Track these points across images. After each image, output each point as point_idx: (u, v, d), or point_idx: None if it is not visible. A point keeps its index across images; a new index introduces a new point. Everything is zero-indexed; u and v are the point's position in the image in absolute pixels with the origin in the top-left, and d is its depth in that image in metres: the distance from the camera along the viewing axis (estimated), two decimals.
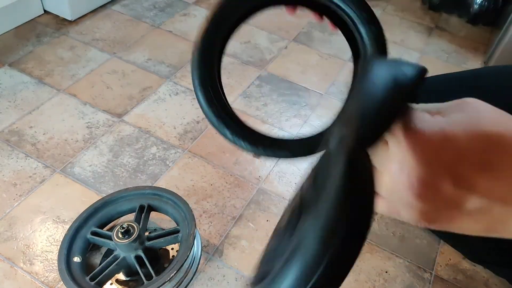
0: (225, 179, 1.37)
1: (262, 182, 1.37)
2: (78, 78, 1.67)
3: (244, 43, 1.94)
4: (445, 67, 1.95)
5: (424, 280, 1.18)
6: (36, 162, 1.35)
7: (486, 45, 2.12)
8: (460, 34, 2.18)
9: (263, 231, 1.24)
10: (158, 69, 1.75)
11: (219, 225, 1.24)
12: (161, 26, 1.99)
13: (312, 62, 1.89)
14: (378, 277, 1.17)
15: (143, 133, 1.48)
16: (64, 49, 1.80)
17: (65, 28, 1.90)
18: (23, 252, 1.13)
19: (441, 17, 2.30)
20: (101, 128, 1.48)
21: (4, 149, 1.38)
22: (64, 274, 0.98)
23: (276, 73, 1.80)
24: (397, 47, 2.03)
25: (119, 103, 1.58)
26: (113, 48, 1.83)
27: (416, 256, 1.23)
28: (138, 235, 1.03)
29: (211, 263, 1.15)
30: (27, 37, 1.83)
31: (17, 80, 1.63)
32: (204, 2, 2.18)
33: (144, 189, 1.15)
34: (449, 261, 1.23)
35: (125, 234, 1.02)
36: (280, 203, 1.32)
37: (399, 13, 2.29)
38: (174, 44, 1.89)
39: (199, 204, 1.28)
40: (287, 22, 2.09)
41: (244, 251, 1.19)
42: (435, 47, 2.07)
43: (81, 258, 1.05)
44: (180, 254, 1.02)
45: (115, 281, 1.10)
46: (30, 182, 1.29)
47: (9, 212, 1.21)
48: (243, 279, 1.13)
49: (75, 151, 1.40)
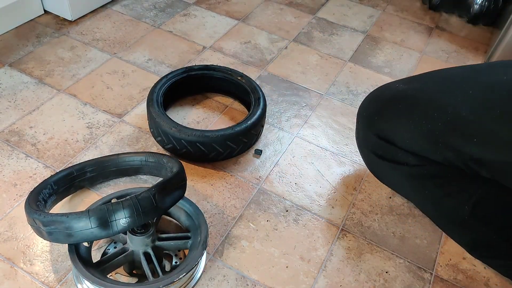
0: (225, 179, 1.37)
1: (262, 182, 1.37)
2: (78, 78, 1.67)
3: (244, 43, 1.94)
4: (445, 67, 1.94)
5: (424, 280, 1.18)
6: (36, 162, 1.35)
7: (486, 45, 2.12)
8: (460, 34, 2.19)
9: (263, 231, 1.24)
10: (158, 69, 1.75)
11: (219, 225, 1.24)
12: (161, 26, 1.99)
13: (312, 62, 1.89)
14: (378, 277, 1.17)
15: (143, 133, 1.48)
16: (64, 49, 1.80)
17: (65, 28, 1.91)
18: (23, 252, 1.13)
19: (441, 17, 2.30)
20: (101, 128, 1.48)
21: (4, 149, 1.38)
22: (73, 254, 1.00)
23: (276, 73, 1.80)
24: (397, 47, 2.03)
25: (119, 103, 1.58)
26: (113, 48, 1.83)
27: (416, 256, 1.23)
28: (152, 232, 1.04)
29: (211, 263, 1.15)
30: (27, 37, 1.83)
31: (17, 80, 1.63)
32: (204, 2, 2.18)
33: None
34: (449, 261, 1.23)
35: (141, 228, 1.03)
36: (280, 203, 1.32)
37: (399, 13, 2.29)
38: (174, 44, 1.89)
39: (199, 204, 1.28)
40: (287, 22, 2.09)
41: (244, 251, 1.19)
42: (435, 47, 2.07)
43: (90, 244, 1.07)
44: (190, 258, 1.03)
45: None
46: (30, 183, 1.29)
47: (9, 212, 1.21)
48: (244, 279, 1.13)
49: (75, 151, 1.40)
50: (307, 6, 2.24)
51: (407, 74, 1.88)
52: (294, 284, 1.13)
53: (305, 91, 1.73)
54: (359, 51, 1.98)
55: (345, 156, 1.49)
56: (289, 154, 1.47)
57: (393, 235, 1.27)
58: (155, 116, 1.36)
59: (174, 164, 1.17)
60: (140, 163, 1.28)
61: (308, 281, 1.14)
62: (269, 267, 1.16)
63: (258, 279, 1.13)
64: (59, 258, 1.12)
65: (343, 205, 1.34)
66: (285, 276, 1.15)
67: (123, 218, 0.93)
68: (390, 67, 1.91)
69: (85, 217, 0.91)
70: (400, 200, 1.37)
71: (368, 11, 2.27)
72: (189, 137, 1.31)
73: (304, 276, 1.15)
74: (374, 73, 1.86)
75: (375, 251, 1.23)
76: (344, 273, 1.17)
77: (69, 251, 1.00)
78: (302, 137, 1.54)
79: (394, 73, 1.88)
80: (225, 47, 1.91)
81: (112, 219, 0.92)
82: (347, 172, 1.44)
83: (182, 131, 1.32)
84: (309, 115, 1.63)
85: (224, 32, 2.00)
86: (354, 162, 1.47)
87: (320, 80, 1.80)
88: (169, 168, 1.20)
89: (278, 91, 1.72)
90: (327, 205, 1.33)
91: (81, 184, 1.26)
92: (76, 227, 0.92)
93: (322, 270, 1.17)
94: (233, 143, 1.36)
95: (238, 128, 1.35)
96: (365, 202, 1.35)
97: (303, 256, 1.20)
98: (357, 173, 1.44)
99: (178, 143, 1.33)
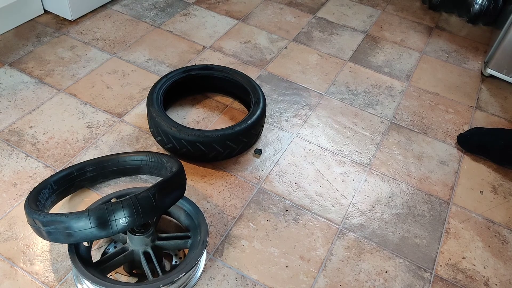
0: (225, 179, 1.37)
1: (262, 182, 1.37)
2: (78, 78, 1.67)
3: (244, 43, 1.94)
4: (445, 67, 1.95)
5: (424, 280, 1.18)
6: (36, 162, 1.35)
7: (486, 45, 2.12)
8: (460, 34, 2.18)
9: (263, 230, 1.24)
10: (158, 69, 1.75)
11: (219, 225, 1.24)
12: (161, 26, 1.99)
13: (312, 62, 1.89)
14: (378, 277, 1.17)
15: (143, 133, 1.48)
16: (64, 49, 1.80)
17: (65, 28, 1.91)
18: (23, 252, 1.13)
19: (441, 17, 2.30)
20: (101, 128, 1.48)
21: (4, 149, 1.38)
22: (73, 254, 1.00)
23: (276, 73, 1.80)
24: (397, 46, 2.03)
25: (119, 103, 1.58)
26: (113, 48, 1.83)
27: (416, 256, 1.23)
28: (152, 232, 1.04)
29: (211, 263, 1.15)
30: (27, 37, 1.83)
31: (17, 80, 1.63)
32: (204, 2, 2.18)
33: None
34: (449, 261, 1.23)
35: (141, 228, 1.03)
36: (280, 202, 1.32)
37: (399, 13, 2.29)
38: (174, 44, 1.89)
39: (199, 204, 1.28)
40: (287, 22, 2.09)
41: (244, 251, 1.19)
42: (435, 47, 2.07)
43: (89, 243, 1.07)
44: (190, 258, 1.03)
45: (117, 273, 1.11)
46: (30, 182, 1.29)
47: (9, 212, 1.21)
48: (243, 278, 1.13)
49: (75, 151, 1.40)
50: (307, 6, 2.24)
51: (407, 73, 1.88)
52: (294, 283, 1.13)
53: (305, 91, 1.73)
54: (359, 50, 1.98)
55: (345, 156, 1.49)
56: (289, 154, 1.47)
57: (393, 235, 1.27)
58: (155, 115, 1.36)
59: (174, 163, 1.17)
60: (140, 162, 1.28)
61: (308, 281, 1.14)
62: (269, 266, 1.16)
63: (258, 278, 1.13)
64: (59, 258, 1.12)
65: (343, 205, 1.34)
66: (285, 276, 1.15)
67: (122, 218, 0.93)
68: (390, 66, 1.91)
69: (84, 217, 0.91)
70: (399, 200, 1.37)
71: (368, 11, 2.27)
72: (189, 137, 1.31)
73: (304, 275, 1.15)
74: (374, 73, 1.86)
75: (374, 251, 1.23)
76: (344, 272, 1.17)
77: (69, 251, 1.00)
78: (302, 137, 1.54)
79: (394, 72, 1.88)
80: (225, 47, 1.91)
81: (112, 219, 0.92)
82: (347, 172, 1.44)
83: (182, 130, 1.32)
84: (309, 114, 1.63)
85: (224, 31, 2.00)
86: (354, 162, 1.47)
87: (320, 79, 1.80)
88: (169, 167, 1.20)
89: (278, 91, 1.72)
90: (327, 204, 1.33)
91: (81, 184, 1.26)
92: (76, 227, 0.92)
93: (322, 269, 1.17)
94: (233, 142, 1.36)
95: (238, 127, 1.35)
96: (365, 202, 1.35)
97: (303, 255, 1.20)
98: (357, 172, 1.44)
99: (178, 142, 1.33)
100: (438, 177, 1.45)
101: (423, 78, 1.87)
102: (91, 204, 1.13)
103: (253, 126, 1.39)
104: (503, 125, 1.69)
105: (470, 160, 1.52)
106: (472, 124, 1.67)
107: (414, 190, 1.41)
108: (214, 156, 1.37)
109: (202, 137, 1.31)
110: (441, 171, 1.47)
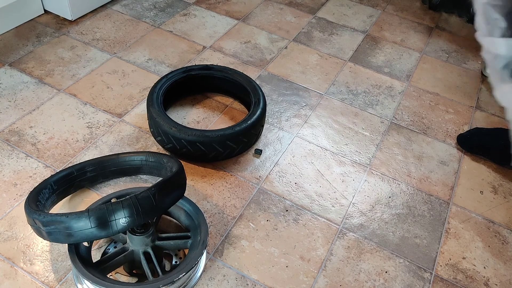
0: (225, 179, 1.37)
1: (262, 182, 1.37)
2: (78, 78, 1.67)
3: (244, 43, 1.94)
4: (445, 67, 1.95)
5: (424, 280, 1.18)
6: (36, 162, 1.35)
7: None
8: (460, 34, 2.18)
9: (263, 231, 1.24)
10: (158, 69, 1.75)
11: (219, 225, 1.24)
12: (161, 26, 1.99)
13: (312, 62, 1.89)
14: (378, 277, 1.17)
15: (143, 133, 1.48)
16: (64, 49, 1.80)
17: (65, 28, 1.91)
18: (23, 252, 1.13)
19: (441, 17, 2.30)
20: (101, 128, 1.48)
21: (4, 149, 1.38)
22: (73, 254, 1.00)
23: (276, 73, 1.80)
24: (397, 47, 2.03)
25: (119, 103, 1.58)
26: (113, 48, 1.83)
27: (416, 256, 1.23)
28: (152, 232, 1.04)
29: (211, 263, 1.15)
30: (27, 37, 1.83)
31: (17, 80, 1.63)
32: (204, 2, 2.18)
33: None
34: (449, 261, 1.23)
35: (141, 228, 1.03)
36: (280, 202, 1.32)
37: (399, 13, 2.29)
38: (174, 44, 1.89)
39: (199, 204, 1.28)
40: (287, 22, 2.09)
41: (244, 251, 1.19)
42: (435, 47, 2.07)
43: (89, 243, 1.07)
44: (190, 258, 1.03)
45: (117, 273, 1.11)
46: (30, 182, 1.29)
47: (9, 212, 1.21)
48: (243, 278, 1.13)
49: (75, 151, 1.40)
50: (307, 6, 2.24)
51: (407, 74, 1.88)
52: (294, 283, 1.13)
53: (305, 91, 1.73)
54: (359, 51, 1.98)
55: (345, 156, 1.49)
56: (289, 154, 1.47)
57: (393, 235, 1.27)
58: (155, 115, 1.36)
59: (174, 163, 1.17)
60: (140, 162, 1.28)
61: (308, 281, 1.14)
62: (269, 266, 1.16)
63: (258, 278, 1.13)
64: (59, 258, 1.12)
65: (343, 205, 1.34)
66: (285, 276, 1.15)
67: (122, 218, 0.93)
68: (390, 66, 1.91)
69: (84, 217, 0.91)
70: (399, 200, 1.37)
71: (368, 11, 2.27)
72: (189, 137, 1.31)
73: (304, 275, 1.15)
74: (374, 73, 1.86)
75: (374, 251, 1.23)
76: (344, 272, 1.17)
77: (69, 251, 1.00)
78: (302, 137, 1.54)
79: (394, 72, 1.88)
80: (225, 47, 1.91)
81: (112, 219, 0.92)
82: (347, 172, 1.44)
83: (182, 130, 1.32)
84: (309, 115, 1.63)
85: (224, 32, 2.00)
86: (354, 162, 1.47)
87: (320, 80, 1.80)
88: (169, 167, 1.20)
89: (278, 91, 1.72)
90: (327, 204, 1.33)
91: (81, 184, 1.26)
92: (76, 227, 0.92)
93: (322, 269, 1.17)
94: (233, 142, 1.36)
95: (238, 128, 1.35)
96: (365, 202, 1.35)
97: (303, 255, 1.20)
98: (357, 172, 1.44)
99: (178, 142, 1.33)
100: (438, 177, 1.45)
101: (423, 78, 1.87)
102: (91, 204, 1.13)
103: (253, 126, 1.39)
104: (503, 125, 1.69)
105: (470, 160, 1.52)
106: (472, 124, 1.67)
107: (414, 190, 1.41)
108: (214, 156, 1.37)
109: (202, 137, 1.31)
110: (441, 171, 1.47)
